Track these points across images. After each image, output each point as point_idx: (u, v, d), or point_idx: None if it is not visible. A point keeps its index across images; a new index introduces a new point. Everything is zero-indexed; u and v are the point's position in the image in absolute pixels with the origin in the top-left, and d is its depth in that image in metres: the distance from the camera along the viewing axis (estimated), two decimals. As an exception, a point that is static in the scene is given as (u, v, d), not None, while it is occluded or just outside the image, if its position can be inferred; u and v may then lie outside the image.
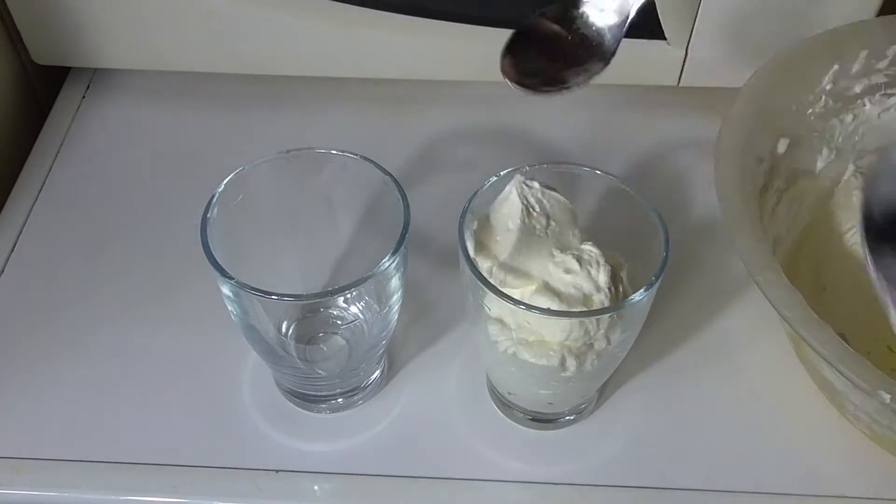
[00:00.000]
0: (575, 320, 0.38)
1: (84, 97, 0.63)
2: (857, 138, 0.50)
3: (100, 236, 0.55)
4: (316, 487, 0.44)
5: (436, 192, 0.53)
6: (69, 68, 0.64)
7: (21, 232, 0.55)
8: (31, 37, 0.59)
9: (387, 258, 0.40)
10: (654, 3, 0.44)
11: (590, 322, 0.38)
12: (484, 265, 0.41)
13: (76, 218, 0.56)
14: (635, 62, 0.57)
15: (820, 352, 0.38)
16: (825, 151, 0.50)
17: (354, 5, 0.55)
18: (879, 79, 0.49)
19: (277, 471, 0.44)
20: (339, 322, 0.48)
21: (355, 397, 0.47)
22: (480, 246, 0.41)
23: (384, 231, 0.43)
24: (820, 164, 0.50)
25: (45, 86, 0.65)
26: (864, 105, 0.49)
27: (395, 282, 0.42)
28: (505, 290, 0.39)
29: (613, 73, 0.58)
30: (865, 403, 0.42)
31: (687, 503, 0.44)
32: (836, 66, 0.48)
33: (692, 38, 0.55)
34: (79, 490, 0.44)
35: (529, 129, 0.60)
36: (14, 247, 0.54)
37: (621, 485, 0.44)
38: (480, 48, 0.57)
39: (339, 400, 0.47)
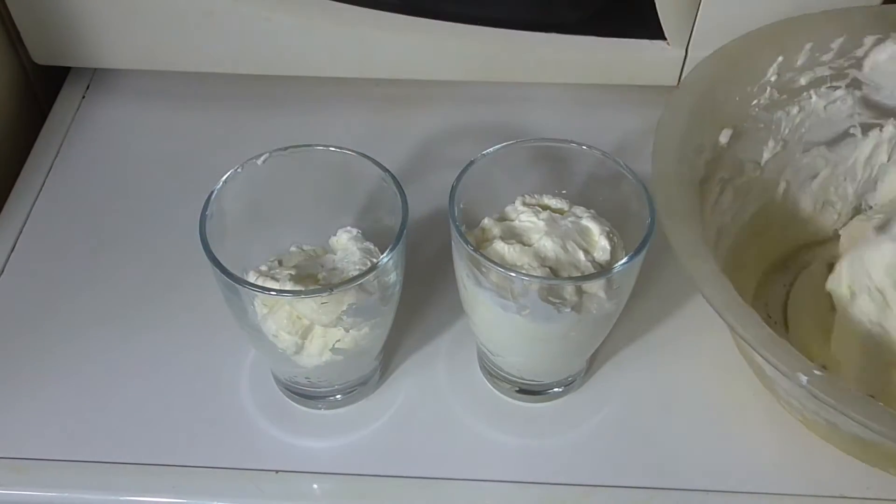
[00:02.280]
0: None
1: (84, 97, 0.63)
2: (803, 130, 0.50)
3: (99, 236, 0.55)
4: (316, 487, 0.44)
5: (434, 191, 0.53)
6: (69, 68, 0.64)
7: (21, 232, 0.55)
8: (31, 37, 0.59)
9: (385, 254, 0.40)
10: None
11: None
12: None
13: (76, 217, 0.56)
14: (635, 62, 0.57)
15: (742, 334, 0.38)
16: (771, 143, 0.50)
17: (354, 5, 0.55)
18: (824, 71, 0.49)
19: (277, 471, 0.44)
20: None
21: (354, 394, 0.47)
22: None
23: (383, 227, 0.43)
24: (766, 156, 0.50)
25: (45, 86, 0.65)
26: (810, 97, 0.49)
27: (394, 277, 0.42)
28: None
29: (614, 74, 0.59)
30: (793, 389, 0.42)
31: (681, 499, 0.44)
32: (780, 58, 0.48)
33: (692, 38, 0.55)
34: (79, 490, 0.44)
35: (528, 128, 0.60)
36: (14, 246, 0.54)
37: (617, 485, 0.44)
38: (480, 48, 0.57)
39: (338, 397, 0.47)
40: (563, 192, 0.45)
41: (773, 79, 0.48)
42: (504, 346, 0.45)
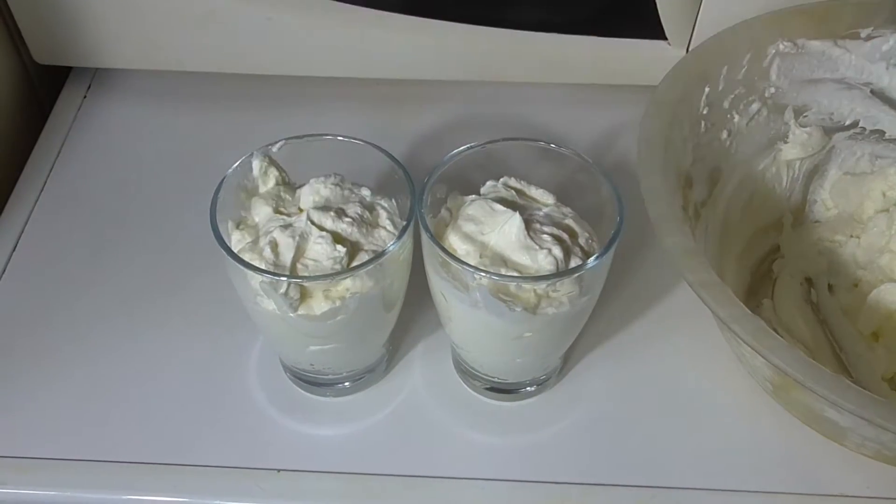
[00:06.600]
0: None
1: (85, 97, 0.63)
2: (733, 152, 0.50)
3: (101, 235, 0.55)
4: (317, 487, 0.44)
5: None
6: (70, 68, 0.64)
7: (23, 231, 0.55)
8: (33, 36, 0.59)
9: (392, 242, 0.41)
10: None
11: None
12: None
13: (78, 217, 0.56)
14: (635, 62, 0.57)
15: (688, 278, 0.39)
16: (708, 177, 0.49)
17: (354, 5, 0.55)
18: (739, 89, 0.49)
19: (279, 470, 0.45)
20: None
21: (362, 381, 0.47)
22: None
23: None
24: (708, 190, 0.49)
25: (47, 86, 0.65)
26: (734, 118, 0.49)
27: (402, 264, 0.43)
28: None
29: (614, 74, 0.59)
30: (734, 346, 0.44)
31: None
32: (707, 89, 0.48)
33: (692, 38, 0.55)
34: (79, 490, 0.44)
35: (529, 128, 0.60)
36: (16, 246, 0.54)
37: (617, 484, 0.44)
38: (480, 48, 0.57)
39: (346, 384, 0.47)
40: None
41: (705, 111, 0.48)
42: (465, 340, 0.45)
